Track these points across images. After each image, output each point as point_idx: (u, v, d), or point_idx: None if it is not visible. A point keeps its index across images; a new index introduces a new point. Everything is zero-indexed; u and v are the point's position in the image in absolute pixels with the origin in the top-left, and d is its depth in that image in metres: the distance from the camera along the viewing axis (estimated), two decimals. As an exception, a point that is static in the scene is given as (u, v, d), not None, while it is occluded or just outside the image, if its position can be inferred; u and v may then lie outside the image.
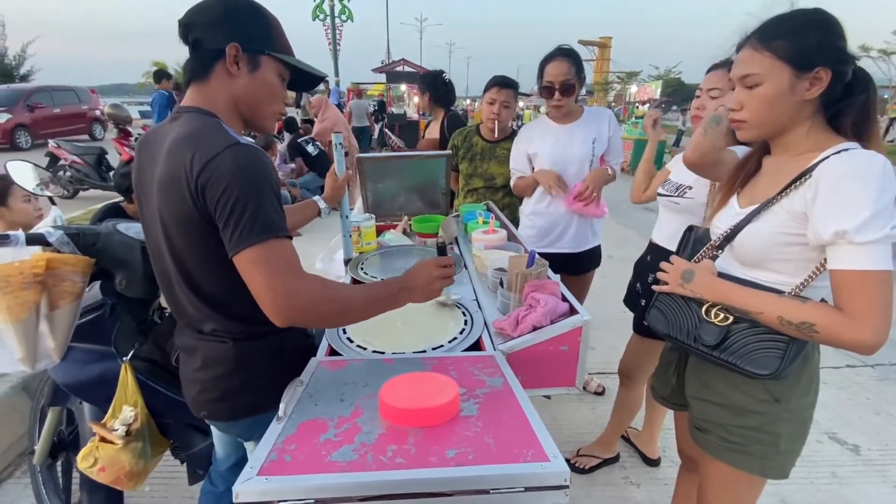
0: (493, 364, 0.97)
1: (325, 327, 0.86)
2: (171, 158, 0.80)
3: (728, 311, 0.94)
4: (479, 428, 0.74)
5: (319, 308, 0.81)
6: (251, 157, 0.79)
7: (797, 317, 0.84)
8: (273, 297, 0.76)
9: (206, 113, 0.87)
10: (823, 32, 0.85)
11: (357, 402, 0.82)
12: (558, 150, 1.94)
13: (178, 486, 1.77)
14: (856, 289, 0.79)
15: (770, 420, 0.97)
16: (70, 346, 1.23)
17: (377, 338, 1.12)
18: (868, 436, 2.13)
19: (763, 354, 0.89)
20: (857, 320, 0.79)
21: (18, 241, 1.14)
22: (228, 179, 0.76)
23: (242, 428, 1.02)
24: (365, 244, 1.76)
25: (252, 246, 0.76)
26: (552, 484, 0.63)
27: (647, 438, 1.99)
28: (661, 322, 1.06)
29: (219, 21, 0.85)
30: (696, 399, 1.09)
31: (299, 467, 0.65)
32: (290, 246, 0.81)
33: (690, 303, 1.01)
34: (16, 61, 16.23)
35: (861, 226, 0.77)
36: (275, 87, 0.93)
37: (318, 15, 10.01)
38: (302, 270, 0.80)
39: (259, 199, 0.77)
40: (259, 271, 0.77)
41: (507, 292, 1.22)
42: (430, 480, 0.63)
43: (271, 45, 0.90)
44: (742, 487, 1.05)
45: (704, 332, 0.96)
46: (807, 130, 0.90)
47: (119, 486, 1.26)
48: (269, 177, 0.81)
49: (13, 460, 1.89)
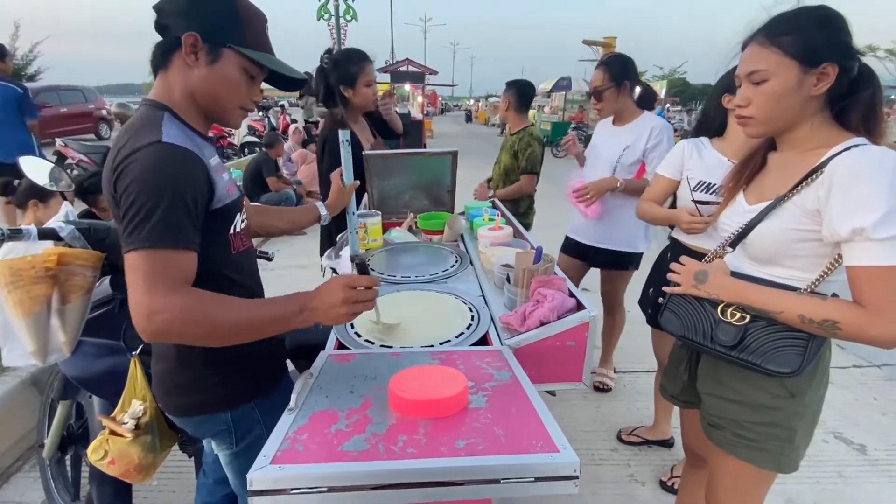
0: (500, 358, 0.97)
1: (198, 345, 0.84)
2: (111, 150, 0.82)
3: (745, 311, 0.94)
4: (489, 419, 0.75)
5: (182, 329, 0.75)
6: (165, 159, 0.76)
7: (819, 314, 0.84)
8: (134, 312, 0.73)
9: (157, 106, 0.85)
10: (830, 28, 0.86)
11: (367, 394, 0.83)
12: (597, 148, 2.19)
13: (185, 481, 1.78)
14: (877, 284, 0.80)
15: (786, 415, 0.98)
16: (80, 341, 1.25)
17: (385, 332, 1.13)
18: (875, 436, 2.13)
19: (784, 352, 0.90)
20: (882, 316, 0.79)
21: (31, 236, 1.15)
22: (133, 177, 0.74)
23: (193, 425, 1.01)
24: (371, 241, 1.77)
25: (133, 251, 0.74)
26: (562, 474, 0.64)
27: (657, 427, 2.03)
28: (675, 324, 1.05)
29: (184, 8, 0.82)
30: (709, 395, 1.09)
31: (312, 456, 0.65)
32: (177, 259, 0.76)
33: (704, 303, 1.00)
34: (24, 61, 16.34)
35: (879, 222, 0.77)
36: (235, 81, 0.87)
37: (322, 15, 10.03)
38: (177, 287, 0.75)
39: (156, 203, 0.73)
40: (132, 279, 0.74)
41: (514, 288, 1.22)
42: (441, 469, 0.64)
43: (238, 39, 0.85)
44: (752, 483, 1.05)
45: (722, 332, 0.96)
46: (813, 126, 0.90)
47: (128, 479, 1.27)
48: (180, 182, 0.77)
49: (22, 454, 1.91)
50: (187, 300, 0.75)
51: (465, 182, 2.61)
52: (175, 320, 0.74)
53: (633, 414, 2.25)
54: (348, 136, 1.30)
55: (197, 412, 0.97)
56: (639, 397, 2.39)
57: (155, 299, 0.73)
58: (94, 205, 2.10)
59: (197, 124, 0.89)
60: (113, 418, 1.25)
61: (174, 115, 0.85)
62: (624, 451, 2.02)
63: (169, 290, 0.74)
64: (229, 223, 0.91)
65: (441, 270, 1.52)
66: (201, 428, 1.01)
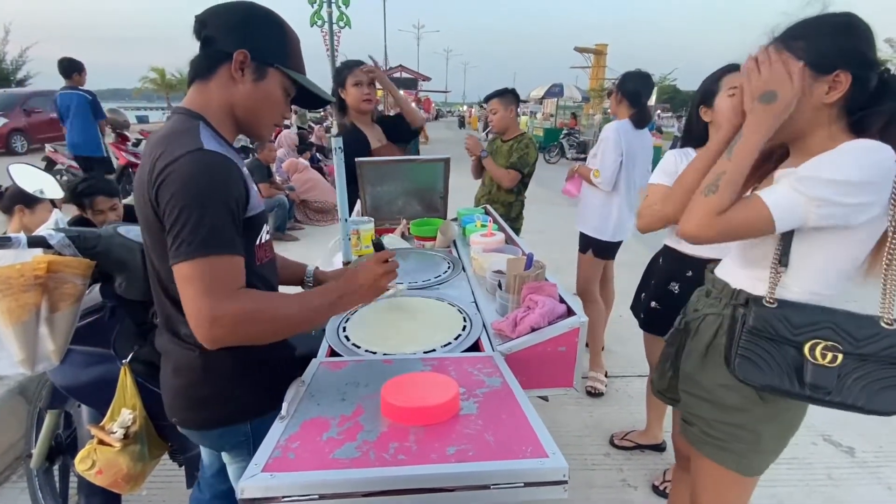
0: (491, 364, 0.98)
1: (260, 343, 0.85)
2: (144, 158, 0.82)
3: (834, 349, 0.86)
4: (479, 426, 0.75)
5: (247, 330, 0.78)
6: (208, 166, 0.77)
7: (722, 174, 0.88)
8: (196, 321, 0.74)
9: (192, 115, 0.86)
10: (846, 36, 0.83)
11: (358, 402, 0.83)
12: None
13: (175, 491, 1.76)
14: (740, 202, 0.84)
15: (753, 419, 0.98)
16: (69, 349, 1.23)
17: (377, 340, 1.13)
18: (863, 438, 2.15)
19: (886, 392, 0.85)
20: (695, 209, 0.87)
21: (20, 244, 1.14)
22: (177, 186, 0.74)
23: (213, 438, 1.00)
24: (364, 247, 1.77)
25: (185, 261, 0.74)
26: (552, 479, 0.64)
27: (649, 431, 2.04)
28: (754, 373, 0.92)
29: (236, 25, 0.86)
30: (686, 393, 1.12)
31: (303, 464, 0.66)
32: (227, 264, 0.77)
33: (782, 345, 0.89)
34: (13, 66, 16.21)
35: (803, 176, 0.79)
36: (277, 99, 0.93)
37: (315, 21, 10.05)
38: (234, 291, 0.77)
39: (203, 211, 0.75)
40: (188, 290, 0.74)
41: (506, 294, 1.23)
42: (432, 476, 0.64)
43: (283, 60, 0.90)
44: (729, 484, 1.05)
45: (816, 376, 0.86)
46: (827, 136, 0.87)
47: (117, 489, 1.26)
48: (223, 189, 0.78)
49: (10, 464, 1.87)
50: (247, 301, 0.78)
51: (458, 188, 2.63)
52: (240, 323, 0.76)
53: (625, 419, 2.27)
54: (340, 143, 1.33)
55: (219, 425, 0.95)
56: (631, 402, 2.40)
57: (218, 305, 0.74)
58: (90, 208, 2.08)
59: (227, 134, 0.90)
60: (101, 427, 1.24)
61: (207, 125, 0.86)
62: (616, 456, 2.03)
63: (228, 295, 0.76)
64: (257, 233, 0.92)
65: (433, 277, 1.53)
66: (220, 441, 1.00)
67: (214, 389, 0.92)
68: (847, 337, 0.85)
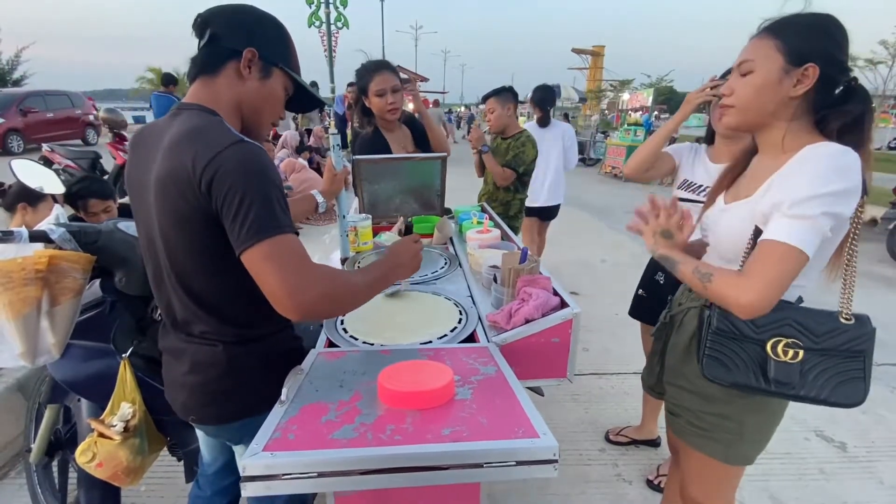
0: (487, 354, 1.00)
1: (337, 315, 0.87)
2: (171, 155, 0.80)
3: (795, 346, 0.88)
4: (474, 409, 0.77)
5: (334, 297, 0.82)
6: (255, 155, 0.80)
7: (708, 268, 0.90)
8: (288, 293, 0.76)
9: (208, 111, 0.87)
10: (823, 34, 0.87)
11: (356, 388, 0.85)
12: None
13: (174, 485, 1.77)
14: (761, 253, 0.83)
15: (737, 409, 1.00)
16: (69, 343, 1.25)
17: (375, 332, 1.15)
18: (855, 434, 2.18)
19: (847, 385, 0.87)
20: (747, 280, 0.83)
21: (22, 238, 1.16)
22: (234, 177, 0.76)
23: (232, 431, 1.01)
24: (361, 244, 1.79)
25: (262, 241, 0.76)
26: (542, 458, 0.67)
27: (644, 427, 2.07)
28: (721, 371, 0.95)
29: (242, 24, 0.89)
30: (671, 385, 1.14)
31: (303, 444, 0.68)
32: (297, 241, 0.82)
33: (745, 343, 0.92)
34: (9, 66, 16.17)
35: (797, 201, 0.80)
36: (279, 98, 0.97)
37: (313, 22, 10.05)
38: (312, 263, 0.81)
39: (265, 196, 0.78)
40: (271, 267, 0.76)
41: (501, 287, 1.25)
42: (427, 455, 0.66)
43: (286, 61, 0.95)
44: (716, 474, 1.08)
45: (779, 372, 0.89)
46: (791, 131, 0.90)
47: (116, 482, 1.27)
48: (273, 174, 0.82)
49: (8, 460, 1.88)
50: (325, 270, 0.83)
51: (455, 187, 2.65)
52: (329, 289, 0.81)
53: (620, 415, 2.29)
54: (338, 140, 1.35)
55: (240, 417, 0.96)
56: (626, 398, 2.42)
57: (306, 274, 0.78)
58: (84, 209, 2.09)
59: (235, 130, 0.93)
60: (101, 421, 1.26)
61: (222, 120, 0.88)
62: (612, 451, 2.05)
63: (310, 266, 0.80)
64: None
65: (431, 272, 1.55)
66: (239, 433, 1.00)
67: (238, 382, 0.94)
68: (807, 333, 0.88)
